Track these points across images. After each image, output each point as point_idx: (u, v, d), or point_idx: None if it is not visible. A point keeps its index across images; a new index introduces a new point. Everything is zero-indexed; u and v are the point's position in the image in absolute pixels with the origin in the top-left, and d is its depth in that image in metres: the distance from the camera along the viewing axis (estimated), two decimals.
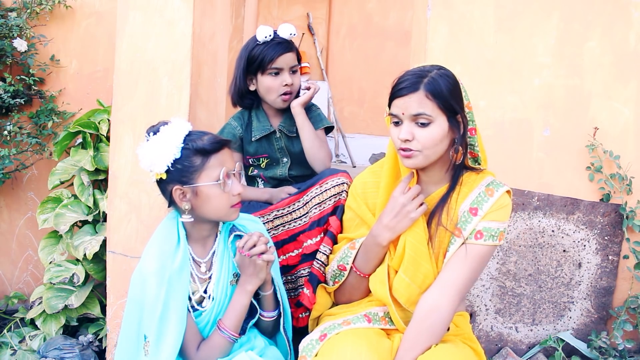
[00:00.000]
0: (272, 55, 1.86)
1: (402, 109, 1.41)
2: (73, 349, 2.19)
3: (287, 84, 1.89)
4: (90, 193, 2.29)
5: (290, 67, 1.90)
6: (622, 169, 2.16)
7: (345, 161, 4.84)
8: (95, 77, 2.67)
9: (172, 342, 1.39)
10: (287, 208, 1.78)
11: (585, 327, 2.22)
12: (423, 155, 1.42)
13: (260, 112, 1.99)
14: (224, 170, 1.42)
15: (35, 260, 2.72)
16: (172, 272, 1.42)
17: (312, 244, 1.73)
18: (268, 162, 2.01)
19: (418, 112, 1.39)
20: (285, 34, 1.89)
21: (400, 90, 1.41)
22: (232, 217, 1.48)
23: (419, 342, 1.38)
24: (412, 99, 1.39)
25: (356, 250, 1.56)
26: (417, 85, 1.39)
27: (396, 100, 1.42)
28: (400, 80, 1.43)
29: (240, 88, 1.94)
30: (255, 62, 1.88)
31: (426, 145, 1.40)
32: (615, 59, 2.16)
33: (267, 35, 1.86)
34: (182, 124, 1.44)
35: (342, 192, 1.72)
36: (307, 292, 1.69)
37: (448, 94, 1.39)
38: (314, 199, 1.74)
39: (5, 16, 2.53)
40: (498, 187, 1.48)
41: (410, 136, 1.40)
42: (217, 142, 1.43)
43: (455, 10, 2.15)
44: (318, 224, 1.73)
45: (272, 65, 1.87)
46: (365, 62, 5.05)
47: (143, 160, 1.42)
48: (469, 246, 1.44)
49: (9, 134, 2.54)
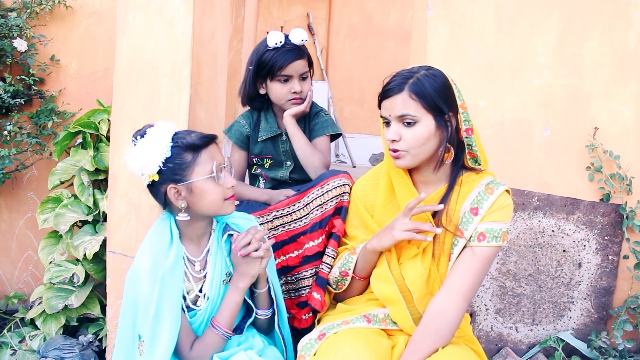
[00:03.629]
0: (282, 62, 1.84)
1: (389, 111, 1.44)
2: (73, 349, 2.19)
3: (296, 91, 1.87)
4: (90, 193, 2.29)
5: (300, 75, 1.88)
6: (622, 169, 2.16)
7: (345, 161, 4.84)
8: (95, 77, 2.67)
9: (166, 342, 1.39)
10: (287, 209, 1.78)
11: (585, 327, 2.22)
12: (410, 155, 1.44)
13: (269, 114, 1.99)
14: (216, 162, 1.42)
15: (35, 260, 2.72)
16: (165, 271, 1.42)
17: (313, 246, 1.73)
18: (272, 164, 2.01)
19: (402, 113, 1.41)
20: (297, 40, 1.86)
21: (387, 91, 1.44)
22: (228, 210, 1.48)
23: (424, 344, 1.39)
24: (397, 100, 1.41)
25: (357, 255, 1.57)
26: (402, 86, 1.42)
27: (384, 101, 1.45)
28: (387, 82, 1.46)
29: (249, 91, 1.94)
30: (265, 67, 1.86)
31: (412, 145, 1.42)
32: (615, 59, 2.16)
33: (277, 42, 1.84)
34: (168, 125, 1.45)
35: (344, 193, 1.71)
36: (318, 296, 1.69)
37: (434, 94, 1.41)
38: (315, 200, 1.74)
39: (5, 16, 2.54)
40: (497, 185, 1.49)
41: (397, 136, 1.43)
42: (205, 137, 1.44)
43: (455, 10, 2.15)
44: (320, 225, 1.72)
45: (281, 73, 1.85)
46: (365, 62, 5.05)
47: (133, 165, 1.41)
48: (473, 249, 1.44)
49: (9, 134, 2.54)
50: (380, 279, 1.52)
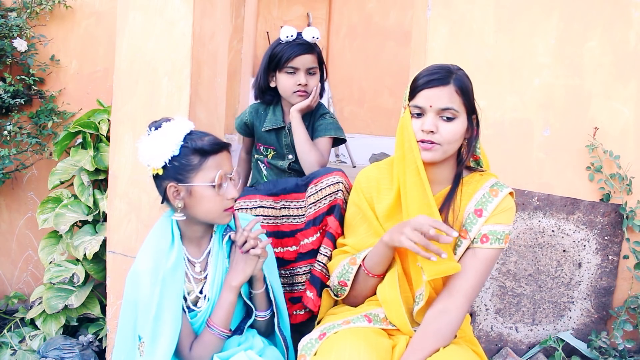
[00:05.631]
0: (289, 54, 1.94)
1: (431, 101, 1.41)
2: (73, 349, 2.19)
3: (301, 83, 1.95)
4: (90, 193, 2.29)
5: (307, 69, 1.97)
6: (622, 169, 2.16)
7: (345, 161, 4.84)
8: (95, 77, 2.67)
9: (167, 343, 1.39)
10: (295, 202, 1.80)
11: (585, 327, 2.22)
12: (442, 150, 1.43)
13: (277, 108, 2.07)
14: (219, 173, 1.41)
15: (35, 260, 2.72)
16: (166, 272, 1.42)
17: (308, 243, 1.74)
18: (274, 155, 2.08)
19: (447, 106, 1.40)
20: (308, 36, 1.98)
21: (431, 82, 1.41)
22: (224, 221, 1.47)
23: (425, 344, 1.39)
24: (443, 92, 1.40)
25: (357, 265, 1.54)
26: (448, 79, 1.41)
27: (424, 91, 1.42)
28: (429, 73, 1.43)
29: (261, 84, 2.03)
30: (275, 59, 1.96)
31: (448, 140, 1.42)
32: (615, 59, 2.16)
33: (289, 35, 1.95)
34: (184, 122, 1.45)
35: (337, 191, 1.72)
36: (311, 295, 1.69)
37: (471, 93, 1.44)
38: (309, 197, 1.75)
39: (5, 16, 2.54)
40: (502, 187, 1.49)
41: (435, 128, 1.41)
42: (217, 144, 1.43)
43: (455, 10, 2.15)
44: (313, 223, 1.73)
45: (288, 64, 1.94)
46: (365, 62, 5.05)
47: (142, 154, 1.42)
48: (476, 250, 1.44)
49: (9, 134, 2.54)
50: (387, 283, 1.51)
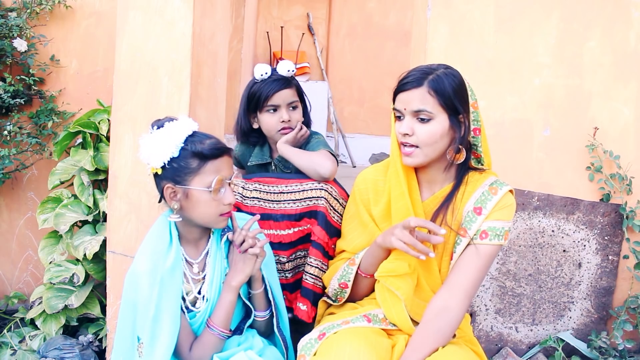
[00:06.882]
0: (267, 92, 1.88)
1: (405, 104, 1.42)
2: (73, 349, 2.19)
3: (284, 120, 1.90)
4: (90, 193, 2.29)
5: (287, 104, 1.91)
6: (622, 169, 2.16)
7: (345, 161, 4.84)
8: (95, 77, 2.67)
9: (166, 344, 1.39)
10: (266, 187, 1.81)
11: (585, 327, 2.22)
12: (423, 153, 1.43)
13: (265, 146, 2.03)
14: (217, 178, 1.40)
15: (35, 260, 2.72)
16: (164, 272, 1.42)
17: (278, 235, 1.76)
18: None
19: (419, 108, 1.40)
20: (283, 71, 1.91)
21: (405, 85, 1.42)
22: (220, 225, 1.47)
23: (426, 343, 1.38)
24: (415, 94, 1.40)
25: (356, 266, 1.55)
26: (422, 81, 1.40)
27: (400, 94, 1.44)
28: (405, 76, 1.44)
29: (243, 127, 1.98)
30: (254, 99, 1.92)
31: (424, 141, 1.41)
32: (615, 59, 2.16)
33: (263, 73, 1.89)
34: (188, 123, 1.44)
35: (320, 197, 1.72)
36: (305, 307, 1.71)
37: (452, 93, 1.40)
38: (291, 193, 1.76)
39: (5, 16, 2.53)
40: (501, 185, 1.49)
41: (409, 131, 1.42)
42: (217, 148, 1.42)
43: (455, 10, 2.15)
44: (288, 218, 1.75)
45: (268, 103, 1.89)
46: (365, 62, 5.05)
47: (142, 152, 1.42)
48: (475, 246, 1.44)
49: (9, 134, 2.54)
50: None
